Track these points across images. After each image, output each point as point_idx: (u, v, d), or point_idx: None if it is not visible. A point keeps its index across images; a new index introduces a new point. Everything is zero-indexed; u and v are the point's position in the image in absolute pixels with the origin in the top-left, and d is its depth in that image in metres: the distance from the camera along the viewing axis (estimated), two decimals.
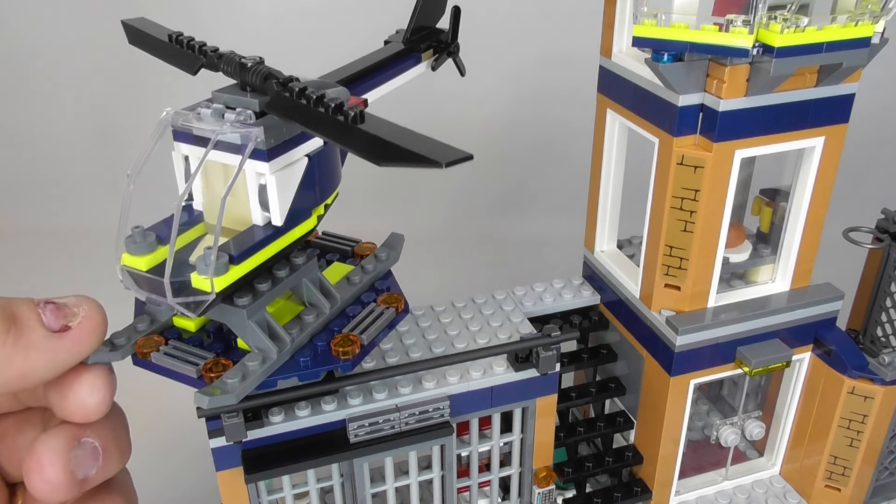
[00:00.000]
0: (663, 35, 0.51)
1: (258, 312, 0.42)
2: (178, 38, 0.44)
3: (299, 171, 0.42)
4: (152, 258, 0.40)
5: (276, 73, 0.40)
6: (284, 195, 0.42)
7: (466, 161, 0.32)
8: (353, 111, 0.34)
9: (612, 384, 0.69)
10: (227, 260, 0.39)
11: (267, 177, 0.40)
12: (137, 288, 0.40)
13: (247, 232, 0.42)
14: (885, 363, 0.63)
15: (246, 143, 0.38)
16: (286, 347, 0.43)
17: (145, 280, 0.39)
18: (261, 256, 0.41)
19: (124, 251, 0.40)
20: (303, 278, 0.45)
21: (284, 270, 0.44)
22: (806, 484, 0.70)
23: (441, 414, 0.53)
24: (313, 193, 0.44)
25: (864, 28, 0.51)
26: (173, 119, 0.40)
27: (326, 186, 0.45)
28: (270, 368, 0.42)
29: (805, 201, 0.61)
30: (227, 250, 0.40)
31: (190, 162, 0.42)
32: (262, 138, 0.39)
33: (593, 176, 0.69)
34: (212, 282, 0.38)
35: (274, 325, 0.43)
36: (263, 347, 0.42)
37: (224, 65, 0.41)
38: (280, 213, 0.42)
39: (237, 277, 0.40)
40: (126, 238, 0.40)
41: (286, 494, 0.54)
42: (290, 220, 0.43)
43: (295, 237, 0.44)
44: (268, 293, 0.43)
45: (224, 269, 0.39)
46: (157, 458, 0.86)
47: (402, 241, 0.54)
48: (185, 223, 0.43)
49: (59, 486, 0.33)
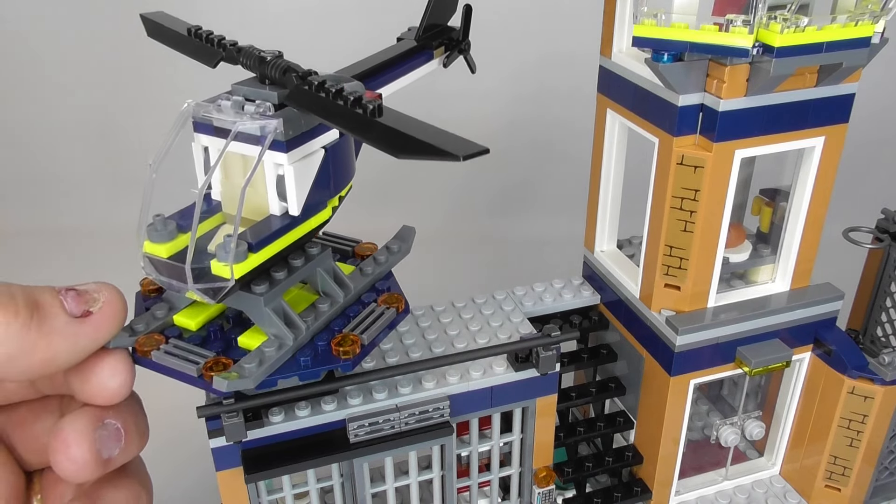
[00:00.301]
0: (663, 35, 0.51)
1: (275, 300, 0.43)
2: (198, 32, 0.46)
3: (316, 163, 0.43)
4: (173, 245, 0.41)
5: (295, 67, 0.40)
6: (302, 186, 0.43)
7: (483, 154, 0.33)
8: (372, 104, 0.35)
9: (612, 384, 0.69)
10: (245, 248, 0.40)
11: (285, 167, 0.42)
12: (158, 275, 0.41)
13: (265, 221, 0.43)
14: (885, 363, 0.63)
15: (265, 135, 0.39)
16: (301, 334, 0.44)
17: (166, 266, 0.41)
18: (278, 245, 0.43)
19: (146, 239, 0.41)
20: (317, 268, 0.46)
21: (300, 259, 0.45)
22: (806, 484, 0.70)
23: (441, 414, 0.53)
24: (329, 184, 0.45)
25: (864, 28, 0.51)
26: (194, 111, 0.41)
27: (341, 178, 0.46)
28: (286, 355, 0.43)
29: (805, 201, 0.61)
30: (245, 238, 0.41)
31: (209, 153, 0.43)
32: (282, 129, 0.40)
33: (593, 176, 0.69)
34: (231, 268, 0.39)
35: (290, 312, 0.44)
36: (280, 334, 0.43)
37: (243, 58, 0.43)
38: (297, 203, 0.43)
39: (256, 265, 0.41)
40: (148, 226, 0.41)
41: (286, 494, 0.54)
42: (307, 211, 0.44)
43: (311, 227, 0.45)
44: (284, 281, 0.44)
45: (243, 256, 0.40)
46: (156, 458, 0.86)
47: (413, 234, 0.54)
48: (205, 212, 0.44)
49: (85, 464, 0.35)
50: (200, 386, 0.42)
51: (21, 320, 0.32)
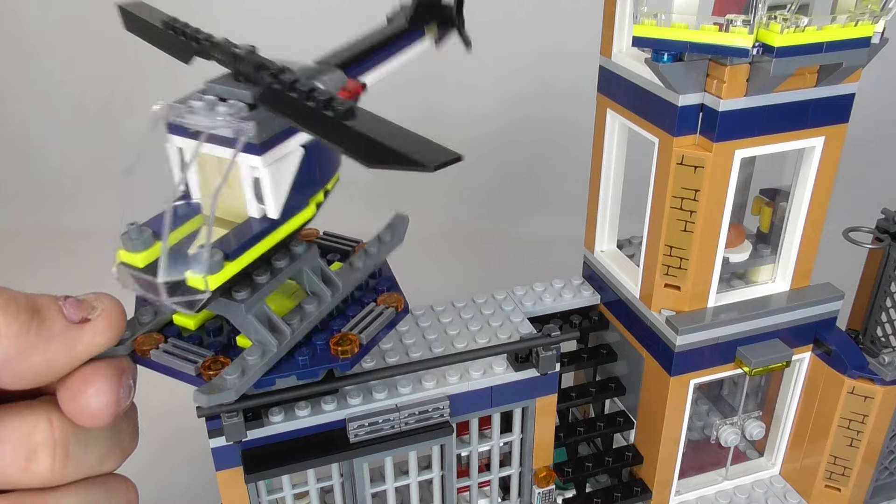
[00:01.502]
0: (663, 35, 0.51)
1: (257, 305, 0.42)
2: (173, 25, 0.43)
3: (295, 163, 0.41)
4: (149, 254, 0.39)
5: (268, 63, 0.38)
6: (279, 188, 0.41)
7: (456, 162, 0.31)
8: (344, 105, 0.33)
9: (612, 384, 0.69)
10: (221, 257, 0.38)
11: (260, 170, 0.40)
12: (134, 285, 0.39)
13: (243, 226, 0.41)
14: (885, 363, 0.63)
15: (237, 138, 0.37)
16: (286, 339, 0.43)
17: (140, 279, 0.39)
18: (257, 250, 0.41)
19: (120, 248, 0.39)
20: (303, 267, 0.45)
21: (284, 260, 0.43)
22: (806, 484, 0.70)
23: (441, 414, 0.53)
24: (310, 183, 0.43)
25: (863, 28, 0.51)
26: (166, 112, 0.39)
27: (324, 174, 0.44)
28: (271, 361, 0.42)
29: (805, 201, 0.61)
30: (221, 247, 0.39)
31: (185, 155, 0.41)
32: (255, 132, 0.38)
33: (593, 176, 0.69)
34: (206, 280, 0.38)
35: (273, 317, 0.43)
36: (263, 340, 0.42)
37: (217, 53, 0.40)
38: (275, 207, 0.41)
39: (233, 273, 0.39)
40: (122, 234, 0.39)
41: (286, 494, 0.54)
42: (287, 212, 0.42)
43: (293, 227, 0.43)
44: (267, 285, 0.42)
45: (219, 266, 0.38)
46: (156, 458, 0.86)
47: (405, 223, 0.52)
48: (185, 215, 0.43)
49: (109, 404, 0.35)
50: (199, 385, 0.42)
51: (21, 322, 0.32)
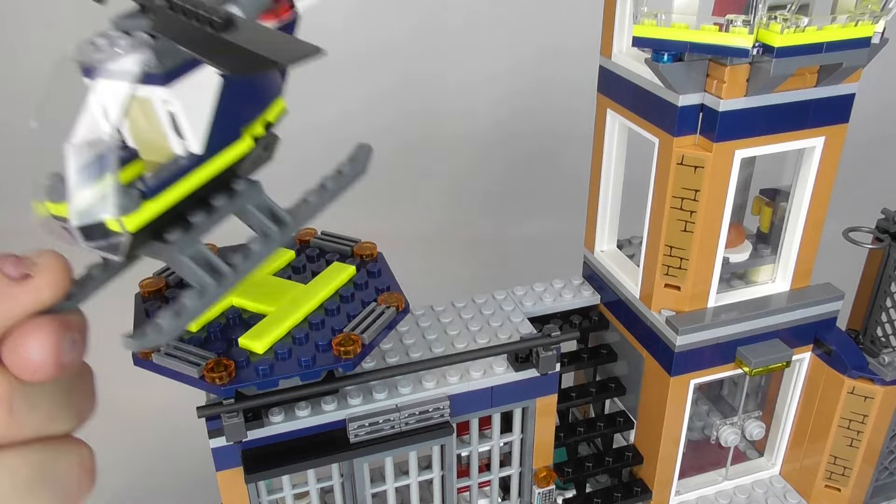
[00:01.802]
0: (663, 35, 0.51)
1: (192, 246, 0.40)
2: None
3: (212, 91, 0.39)
4: None
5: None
6: (197, 119, 0.38)
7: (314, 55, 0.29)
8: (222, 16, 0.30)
9: (612, 384, 0.69)
10: (137, 196, 0.36)
11: (172, 103, 0.37)
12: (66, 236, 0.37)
13: (167, 164, 0.39)
14: (885, 363, 0.63)
15: (132, 70, 0.35)
16: (226, 280, 0.40)
17: (58, 226, 0.37)
18: (181, 188, 0.38)
19: (46, 200, 0.37)
20: (246, 205, 0.42)
21: (222, 199, 0.41)
22: (806, 484, 0.70)
23: (441, 414, 0.53)
24: (237, 113, 0.40)
25: (864, 28, 0.51)
26: (76, 53, 0.36)
27: (257, 102, 0.41)
28: (210, 302, 0.40)
29: (805, 201, 0.61)
30: (139, 186, 0.37)
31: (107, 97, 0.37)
32: (155, 62, 0.35)
33: (593, 176, 0.69)
34: (121, 221, 0.35)
35: (213, 258, 0.41)
36: (201, 282, 0.40)
37: None
38: (197, 140, 0.38)
39: (155, 213, 0.37)
40: (46, 187, 0.37)
41: (286, 494, 0.54)
42: (215, 145, 0.39)
43: (226, 162, 0.40)
44: (201, 224, 0.40)
45: (134, 205, 0.36)
46: (157, 458, 0.86)
47: (368, 152, 0.48)
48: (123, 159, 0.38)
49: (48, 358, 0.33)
50: (202, 387, 0.42)
51: None
